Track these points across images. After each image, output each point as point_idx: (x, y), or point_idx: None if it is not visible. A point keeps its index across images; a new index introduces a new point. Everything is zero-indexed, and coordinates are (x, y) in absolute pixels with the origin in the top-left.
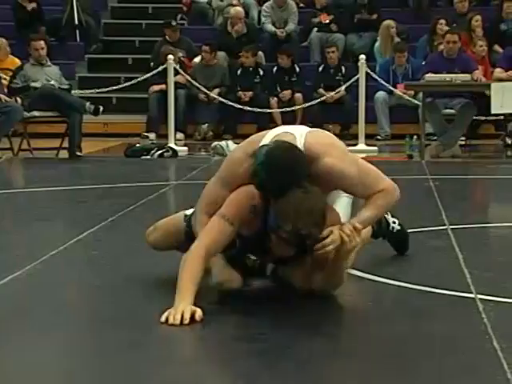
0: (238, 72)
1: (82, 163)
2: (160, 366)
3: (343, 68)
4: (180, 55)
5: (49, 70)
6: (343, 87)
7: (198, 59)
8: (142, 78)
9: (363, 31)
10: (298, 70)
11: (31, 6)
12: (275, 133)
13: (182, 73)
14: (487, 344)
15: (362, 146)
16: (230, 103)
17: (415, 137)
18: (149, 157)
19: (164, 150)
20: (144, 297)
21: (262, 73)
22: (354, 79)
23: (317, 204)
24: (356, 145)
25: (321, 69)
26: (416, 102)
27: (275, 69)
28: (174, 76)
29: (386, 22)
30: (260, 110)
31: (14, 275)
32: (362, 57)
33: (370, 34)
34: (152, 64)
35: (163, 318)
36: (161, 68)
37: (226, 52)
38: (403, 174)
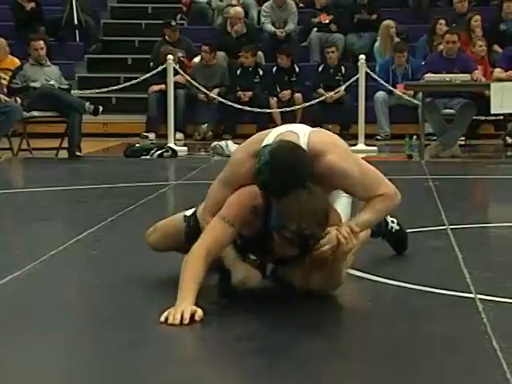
0: (238, 72)
1: (82, 163)
2: (160, 366)
3: (343, 68)
4: (179, 55)
5: (48, 70)
6: (343, 87)
7: (197, 59)
8: (142, 78)
9: (363, 31)
10: (297, 69)
11: (30, 6)
12: (278, 131)
13: (181, 73)
14: (487, 344)
15: (361, 146)
16: (229, 103)
17: (415, 137)
18: (148, 157)
19: (164, 150)
20: (144, 297)
21: (261, 73)
22: (353, 79)
23: (320, 204)
24: (356, 145)
25: (320, 69)
26: (416, 102)
27: (275, 69)
28: (174, 76)
29: (386, 22)
30: (260, 110)
31: (13, 275)
32: (362, 57)
33: (370, 34)
34: (151, 64)
35: (163, 318)
36: (160, 68)
37: (226, 52)
38: (403, 174)
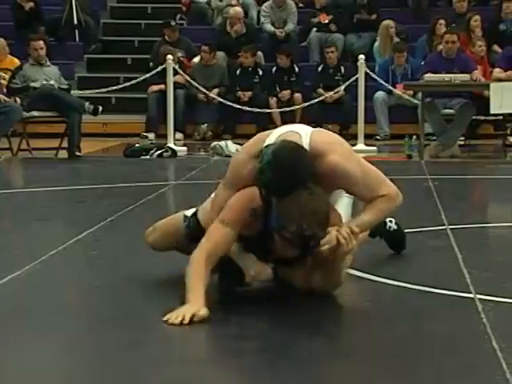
0: (237, 72)
1: (82, 163)
2: (160, 366)
3: (342, 68)
4: (179, 55)
5: (48, 70)
6: (342, 87)
7: (197, 59)
8: (142, 78)
9: (362, 31)
10: (297, 69)
11: (29, 6)
12: (280, 131)
13: (181, 73)
14: (486, 344)
15: (361, 146)
16: (229, 103)
17: (414, 137)
18: (148, 157)
19: (163, 150)
20: (143, 297)
21: (261, 73)
22: (353, 79)
23: (321, 205)
24: (355, 145)
25: (320, 69)
26: (415, 101)
27: (274, 69)
28: (174, 76)
29: (386, 22)
30: (259, 110)
31: (13, 275)
32: (362, 57)
33: (370, 34)
34: (151, 64)
35: (168, 317)
36: (160, 68)
37: (225, 52)
38: (402, 174)
